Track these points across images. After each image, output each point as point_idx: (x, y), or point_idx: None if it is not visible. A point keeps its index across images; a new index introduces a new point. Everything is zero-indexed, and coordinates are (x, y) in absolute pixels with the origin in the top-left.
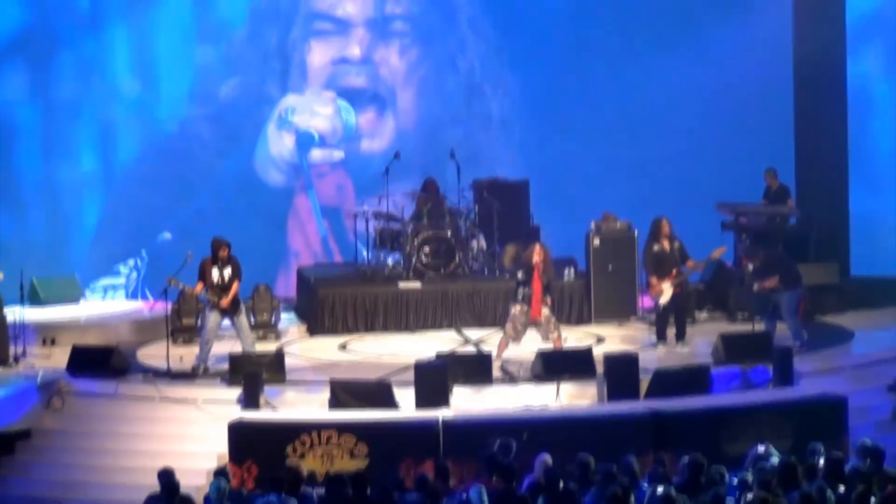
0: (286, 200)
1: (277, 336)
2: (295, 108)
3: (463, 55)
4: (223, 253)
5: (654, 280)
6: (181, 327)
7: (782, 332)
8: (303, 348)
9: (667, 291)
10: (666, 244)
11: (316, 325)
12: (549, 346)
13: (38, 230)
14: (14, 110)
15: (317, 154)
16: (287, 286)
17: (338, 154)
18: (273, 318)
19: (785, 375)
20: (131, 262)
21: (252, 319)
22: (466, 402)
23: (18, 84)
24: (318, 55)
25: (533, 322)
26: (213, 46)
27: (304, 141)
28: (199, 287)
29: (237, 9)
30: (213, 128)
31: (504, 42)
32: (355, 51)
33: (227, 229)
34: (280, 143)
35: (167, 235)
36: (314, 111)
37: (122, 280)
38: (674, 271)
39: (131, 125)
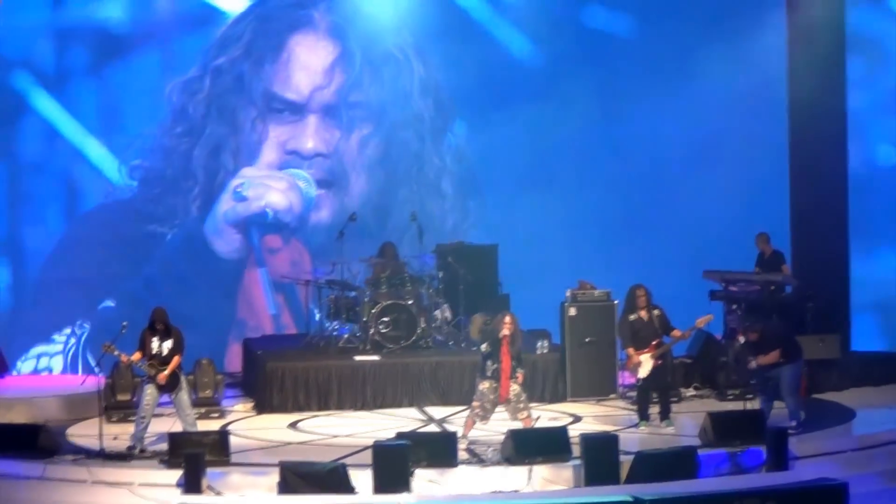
0: (238, 270)
1: (221, 414)
2: (250, 183)
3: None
4: (161, 325)
5: (630, 352)
6: (116, 404)
7: (778, 411)
8: (249, 427)
9: (646, 364)
10: (643, 314)
11: (264, 401)
12: (518, 425)
13: None
14: None
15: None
16: (237, 358)
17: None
18: (216, 395)
19: (779, 459)
20: (67, 330)
21: (194, 395)
22: (429, 486)
23: None
24: (273, 139)
25: (502, 400)
26: (172, 111)
27: (256, 220)
28: (138, 355)
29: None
30: (166, 194)
31: (471, 98)
32: (308, 143)
33: (175, 297)
34: (232, 216)
35: (110, 303)
36: (269, 186)
37: (58, 347)
38: (654, 342)
39: (87, 186)
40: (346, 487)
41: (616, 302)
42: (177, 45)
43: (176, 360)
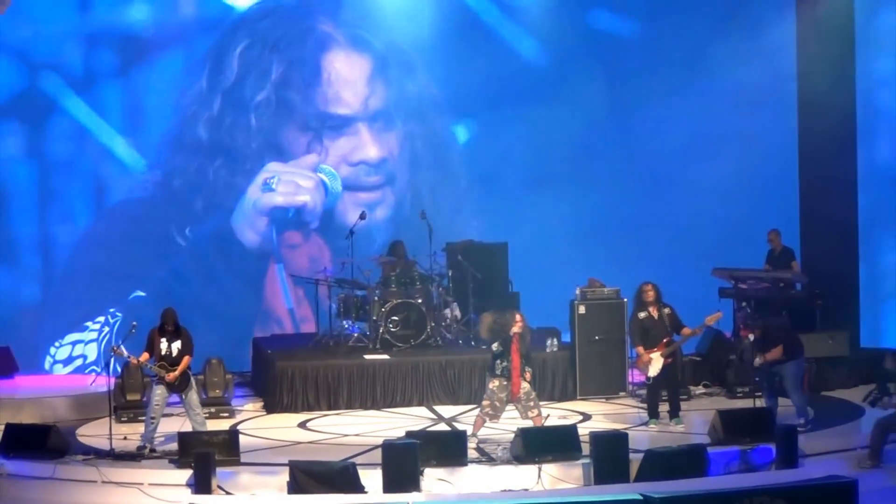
0: (263, 263)
1: (231, 413)
2: (279, 177)
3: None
4: (170, 326)
5: (640, 350)
6: (125, 404)
7: (786, 408)
8: (259, 427)
9: (656, 363)
10: (654, 311)
11: (273, 401)
12: (528, 423)
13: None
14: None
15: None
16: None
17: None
18: (226, 394)
19: (789, 456)
20: (101, 318)
21: (203, 395)
22: (439, 485)
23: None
24: (336, 155)
25: (513, 398)
26: (200, 107)
27: (279, 214)
28: (145, 357)
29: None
30: (194, 187)
31: (480, 98)
32: (371, 151)
33: (203, 288)
34: (260, 206)
35: (141, 293)
36: (298, 184)
37: (92, 335)
38: (664, 341)
39: (113, 183)
40: (355, 487)
41: (625, 300)
42: (200, 48)
43: (185, 360)
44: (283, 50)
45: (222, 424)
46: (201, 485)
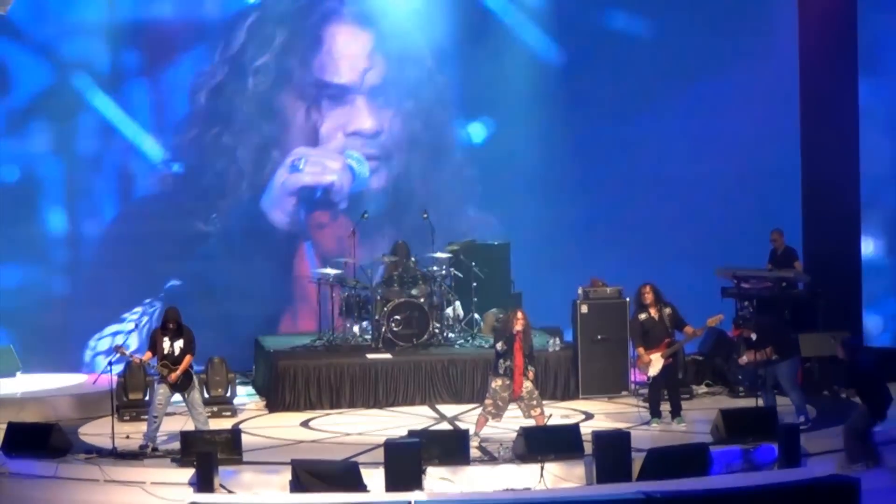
0: (293, 244)
1: (233, 412)
2: (307, 159)
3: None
4: (173, 325)
5: (641, 351)
6: (128, 403)
7: (784, 408)
8: (261, 425)
9: (656, 363)
10: (654, 312)
11: (276, 400)
12: (531, 422)
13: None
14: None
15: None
16: (293, 326)
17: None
18: (228, 393)
19: (791, 455)
20: (138, 309)
21: (205, 394)
22: (441, 484)
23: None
24: (331, 123)
25: (515, 397)
26: (227, 101)
27: (307, 194)
28: (148, 356)
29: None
30: (222, 174)
31: (484, 96)
32: (367, 122)
33: (236, 272)
34: (289, 186)
35: (176, 282)
36: (324, 164)
37: (131, 326)
38: (665, 341)
39: (140, 179)
40: (358, 485)
41: (628, 299)
42: (224, 46)
43: (188, 359)
44: (288, 28)
45: (225, 423)
46: (203, 484)
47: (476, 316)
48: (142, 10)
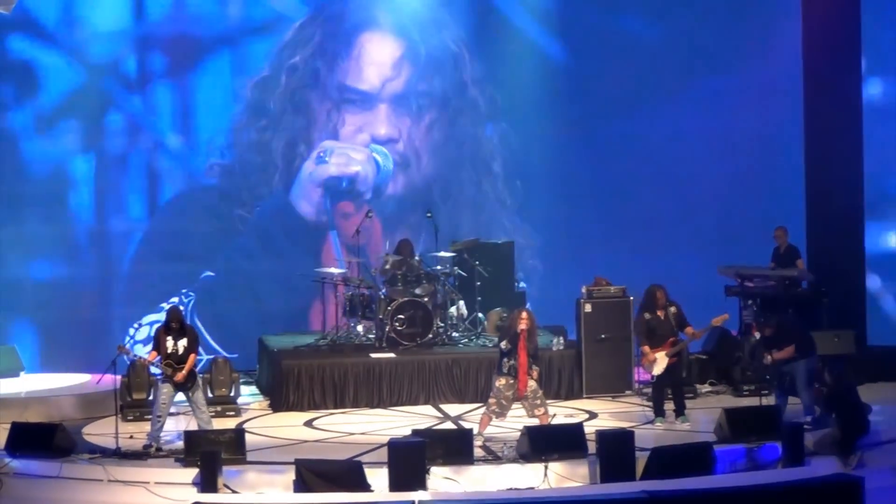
0: (323, 233)
1: (237, 412)
2: (332, 150)
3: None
4: (176, 325)
5: (646, 349)
6: (131, 402)
7: (792, 407)
8: (265, 425)
9: (661, 361)
10: (660, 313)
11: (279, 399)
12: (534, 422)
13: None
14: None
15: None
16: (321, 316)
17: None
18: (232, 393)
19: (795, 454)
20: (174, 299)
21: (209, 394)
22: (445, 483)
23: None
24: (350, 126)
25: (519, 396)
26: (249, 107)
27: (333, 184)
28: (153, 355)
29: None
30: (248, 180)
31: (501, 95)
32: (381, 129)
33: (269, 263)
34: (316, 177)
35: (210, 273)
36: (349, 155)
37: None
38: (670, 340)
39: (168, 178)
40: (361, 485)
41: (632, 298)
42: (246, 50)
43: (192, 358)
44: (326, 31)
45: (228, 423)
46: (207, 483)
47: (480, 315)
48: (167, 17)
